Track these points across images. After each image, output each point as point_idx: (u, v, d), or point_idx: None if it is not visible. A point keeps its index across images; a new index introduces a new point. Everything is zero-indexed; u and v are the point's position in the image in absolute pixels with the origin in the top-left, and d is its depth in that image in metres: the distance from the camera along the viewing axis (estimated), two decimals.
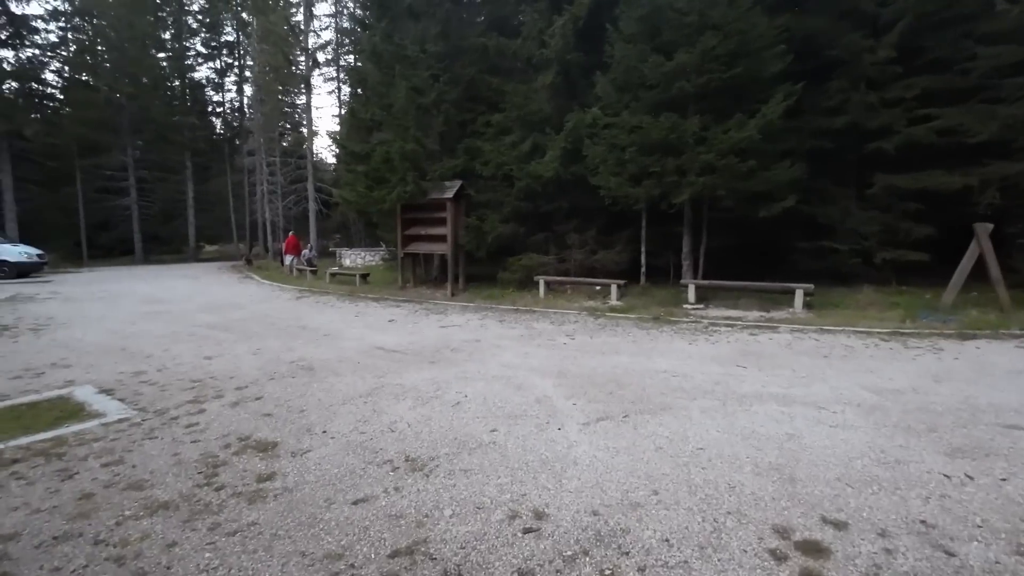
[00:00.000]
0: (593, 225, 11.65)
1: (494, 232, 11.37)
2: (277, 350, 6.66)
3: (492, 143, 11.67)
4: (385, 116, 12.43)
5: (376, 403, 4.48)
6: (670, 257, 11.35)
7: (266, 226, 29.14)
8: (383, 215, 13.08)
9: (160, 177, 31.24)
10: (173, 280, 17.97)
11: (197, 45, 32.72)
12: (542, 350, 6.47)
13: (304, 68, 24.19)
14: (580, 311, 9.38)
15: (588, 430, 3.80)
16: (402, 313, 9.75)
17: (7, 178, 24.90)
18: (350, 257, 22.97)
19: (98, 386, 5.15)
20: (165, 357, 6.35)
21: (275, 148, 28.48)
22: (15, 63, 25.72)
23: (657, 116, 9.02)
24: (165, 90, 31.00)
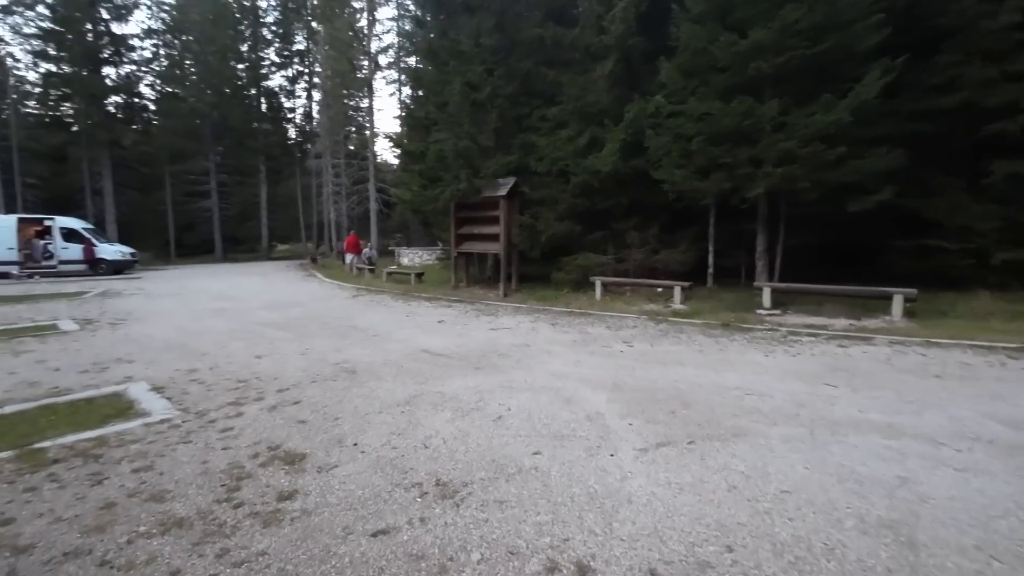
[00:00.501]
0: (655, 222, 10.90)
1: (548, 231, 10.91)
2: (324, 350, 6.59)
3: (547, 138, 11.22)
4: (440, 114, 12.31)
5: (413, 413, 4.18)
6: (741, 257, 10.39)
7: (330, 226, 30.31)
8: (437, 214, 12.98)
9: (238, 181, 33.39)
10: (244, 277, 18.97)
11: (271, 55, 34.63)
12: (596, 358, 5.96)
13: (367, 72, 24.82)
14: (639, 315, 8.73)
15: (646, 458, 3.28)
16: (452, 314, 9.53)
17: (108, 184, 27.46)
18: (408, 256, 23.31)
19: (152, 383, 5.22)
20: (219, 355, 6.43)
21: (340, 151, 29.55)
22: (115, 79, 28.30)
23: (729, 101, 8.19)
24: (243, 99, 33.01)
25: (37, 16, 25.18)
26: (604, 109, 10.71)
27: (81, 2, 25.63)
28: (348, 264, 19.65)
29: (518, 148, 11.64)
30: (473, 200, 11.65)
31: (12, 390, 5.07)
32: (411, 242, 29.01)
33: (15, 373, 5.70)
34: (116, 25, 27.80)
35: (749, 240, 9.90)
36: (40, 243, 20.47)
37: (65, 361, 6.22)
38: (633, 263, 10.97)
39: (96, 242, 21.02)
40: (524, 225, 11.13)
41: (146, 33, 29.80)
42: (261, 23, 33.67)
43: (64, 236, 20.40)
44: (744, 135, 8.26)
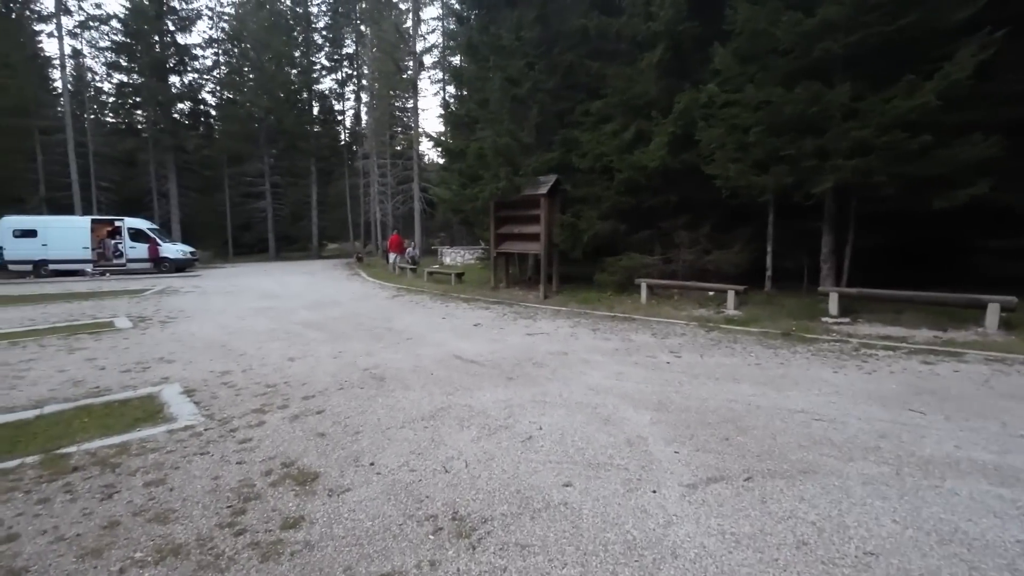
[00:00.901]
0: (706, 221, 10.18)
1: (591, 230, 10.42)
2: (356, 354, 6.45)
3: (590, 133, 10.72)
4: (480, 111, 12.05)
5: (437, 429, 3.89)
6: (803, 259, 9.51)
7: (376, 225, 30.86)
8: (477, 213, 12.75)
9: (290, 182, 34.63)
10: (292, 276, 19.51)
11: (322, 59, 35.71)
12: (640, 370, 5.47)
13: (411, 72, 25.01)
14: (689, 321, 8.11)
15: (694, 498, 2.83)
16: (489, 316, 9.23)
17: (173, 186, 29.11)
18: (450, 255, 23.32)
19: (185, 385, 5.21)
20: (254, 357, 6.42)
21: (386, 151, 30.02)
22: (180, 87, 29.95)
23: (791, 88, 7.42)
24: (295, 103, 34.20)
25: (111, 30, 27.02)
26: (651, 101, 10.10)
27: (149, 15, 27.27)
28: (391, 263, 19.83)
29: (559, 144, 11.21)
30: (513, 199, 11.33)
31: (57, 389, 5.18)
32: (454, 241, 29.11)
33: (64, 371, 5.88)
34: (180, 36, 29.46)
35: (813, 240, 9.03)
36: (111, 242, 21.88)
37: (112, 359, 6.38)
38: (682, 264, 10.30)
39: (160, 241, 22.25)
40: (565, 224, 10.70)
41: (207, 43, 31.40)
42: (312, 28, 34.75)
43: (132, 236, 21.71)
44: (809, 124, 7.46)
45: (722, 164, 8.47)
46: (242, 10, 32.93)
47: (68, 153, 24.34)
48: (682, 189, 10.19)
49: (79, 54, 28.27)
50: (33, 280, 19.44)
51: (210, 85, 32.81)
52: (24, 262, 20.26)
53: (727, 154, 8.42)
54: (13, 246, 20.12)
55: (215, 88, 33.22)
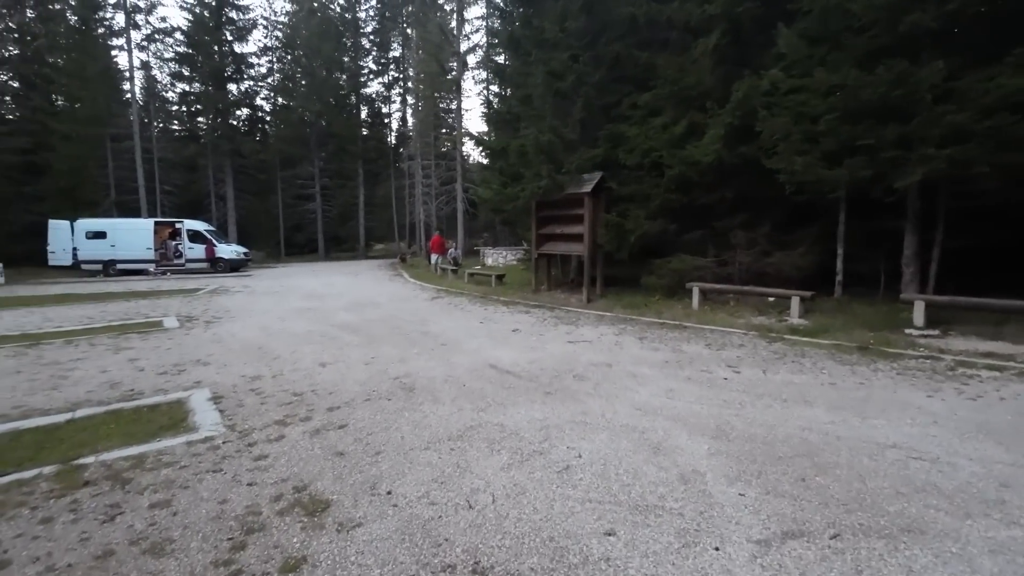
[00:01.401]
0: (765, 220, 9.35)
1: (638, 230, 9.80)
2: (389, 360, 6.19)
3: (638, 127, 10.09)
4: (522, 108, 11.65)
5: (464, 453, 3.50)
6: (880, 262, 8.52)
7: (420, 226, 31.11)
8: (518, 213, 12.36)
9: (339, 184, 35.53)
10: (338, 276, 19.82)
11: (369, 63, 36.39)
12: (694, 387, 4.90)
13: (455, 72, 24.96)
14: (748, 331, 7.38)
15: (769, 561, 2.29)
16: (529, 322, 8.81)
17: (230, 189, 30.43)
18: (493, 256, 23.08)
19: (214, 391, 5.09)
20: (287, 361, 6.29)
21: (430, 152, 30.19)
22: (236, 94, 31.27)
23: (871, 69, 6.56)
24: (344, 107, 35.05)
25: (175, 42, 28.57)
26: (706, 91, 9.36)
27: (209, 26, 28.61)
28: (433, 264, 19.78)
29: (605, 140, 10.63)
30: (555, 198, 10.86)
31: (95, 391, 5.19)
32: (497, 242, 28.88)
33: (106, 372, 5.93)
34: (237, 45, 30.75)
35: (891, 241, 8.05)
36: (172, 243, 23.04)
37: (153, 361, 6.41)
38: (738, 267, 9.50)
39: (216, 243, 23.23)
40: (611, 224, 10.12)
41: (262, 51, 32.67)
42: (361, 33, 35.49)
43: (190, 237, 22.78)
44: (892, 109, 6.57)
45: (786, 157, 7.66)
46: (295, 19, 34.06)
47: (136, 159, 25.87)
48: (739, 185, 9.40)
49: (146, 66, 30.08)
50: (102, 279, 20.71)
51: (265, 91, 34.15)
52: (95, 262, 21.65)
53: (792, 146, 7.60)
54: (85, 247, 21.54)
55: (269, 94, 34.55)
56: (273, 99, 34.76)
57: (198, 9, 28.79)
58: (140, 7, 27.23)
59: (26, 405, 4.78)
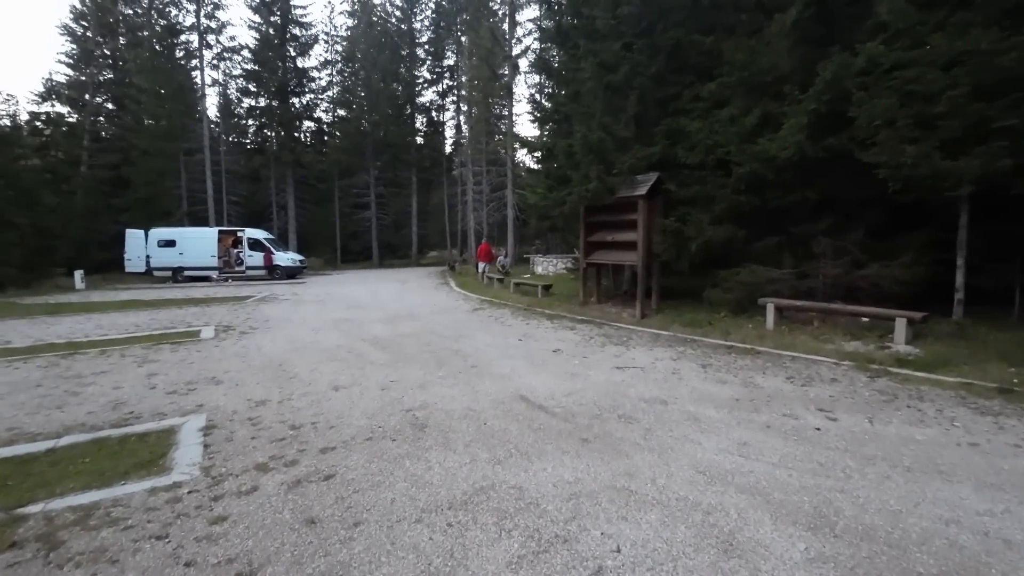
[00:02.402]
0: (858, 224, 7.90)
1: (700, 237, 8.62)
2: (409, 385, 5.48)
3: (701, 121, 8.93)
4: (571, 105, 10.76)
5: (463, 533, 2.66)
6: (1015, 275, 6.87)
7: (471, 233, 30.79)
8: (566, 219, 11.43)
9: (393, 192, 36.02)
10: (385, 284, 19.66)
11: (424, 72, 36.74)
12: (775, 439, 3.80)
13: (507, 76, 24.44)
14: (839, 360, 6.06)
15: None
16: (573, 340, 7.86)
17: (291, 199, 31.51)
18: (543, 264, 22.21)
19: (211, 419, 4.57)
20: (302, 382, 5.74)
21: (481, 159, 29.85)
22: (298, 107, 32.45)
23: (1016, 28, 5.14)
24: (400, 116, 35.56)
25: (242, 59, 30.05)
26: (782, 76, 8.08)
27: (274, 43, 29.86)
28: (480, 273, 19.20)
29: (662, 137, 9.52)
30: (606, 202, 9.86)
31: (96, 412, 4.83)
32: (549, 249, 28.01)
33: (119, 389, 5.63)
34: (300, 60, 31.94)
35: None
36: (234, 251, 23.93)
37: (169, 377, 6.07)
38: (822, 281, 8.09)
39: (273, 250, 23.90)
40: (669, 230, 8.99)
41: (322, 65, 33.76)
42: (416, 44, 35.94)
43: (250, 245, 23.55)
44: None
45: (890, 147, 6.26)
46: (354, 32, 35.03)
47: (205, 171, 27.29)
48: (824, 184, 8.01)
49: (217, 83, 31.87)
50: (170, 285, 21.79)
51: (325, 103, 35.30)
52: (165, 268, 22.85)
53: (899, 133, 6.21)
54: (157, 254, 22.78)
55: (329, 106, 35.69)
56: (332, 110, 35.86)
57: (264, 27, 30.16)
58: (212, 28, 28.83)
59: (20, 428, 4.46)
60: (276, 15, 30.51)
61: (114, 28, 33.73)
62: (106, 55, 33.31)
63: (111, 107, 33.26)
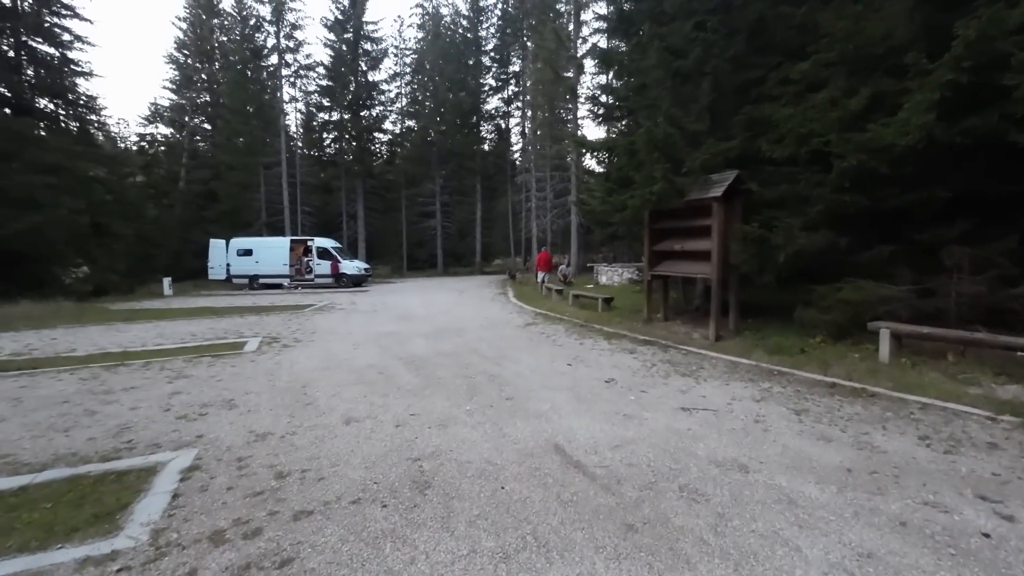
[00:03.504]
0: (1008, 229, 6.14)
1: (791, 246, 7.17)
2: (428, 422, 4.70)
3: (791, 107, 7.50)
4: (635, 98, 9.64)
5: None
6: None
7: (534, 241, 30.01)
8: (628, 226, 10.25)
9: (458, 200, 36.16)
10: (442, 294, 19.31)
11: (489, 79, 36.67)
12: (918, 551, 2.55)
13: (571, 77, 23.49)
14: (996, 412, 4.50)
15: None
16: (632, 367, 6.73)
17: (360, 209, 32.44)
18: (607, 274, 20.90)
19: (199, 457, 4.04)
20: (316, 411, 5.15)
21: (545, 164, 29.04)
22: (368, 119, 33.45)
23: None
24: (465, 124, 35.68)
25: (317, 76, 31.46)
26: (900, 46, 6.52)
27: (347, 59, 30.99)
28: (539, 283, 18.30)
29: (742, 128, 8.15)
30: (674, 206, 8.63)
31: (96, 439, 4.46)
32: (616, 258, 26.57)
33: (135, 409, 5.33)
34: (371, 74, 32.93)
35: None
36: (305, 260, 24.79)
37: (190, 397, 5.73)
38: (957, 301, 6.38)
39: (340, 259, 24.47)
40: (750, 237, 7.60)
41: (391, 78, 34.63)
42: (482, 52, 35.96)
43: (319, 254, 24.28)
44: None
45: None
46: (422, 44, 35.70)
47: (282, 184, 28.70)
48: (959, 178, 6.32)
49: (294, 99, 33.62)
50: (246, 292, 22.89)
51: (393, 115, 36.21)
52: (243, 276, 24.10)
53: None
54: (236, 263, 24.09)
55: (397, 117, 36.56)
56: (401, 121, 36.73)
57: (338, 44, 31.41)
58: (290, 47, 30.44)
59: (13, 456, 4.15)
60: (349, 32, 31.69)
61: (211, 54, 36.79)
62: (203, 79, 36.35)
63: (206, 127, 36.21)
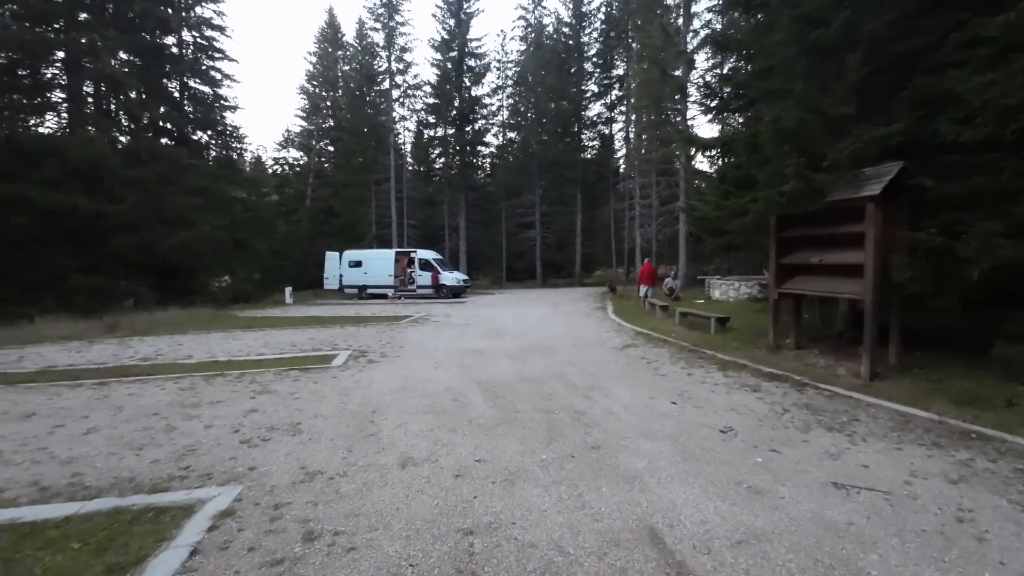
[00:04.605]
0: None
1: (989, 258, 5.29)
2: (491, 476, 3.91)
3: (979, 76, 5.61)
4: (755, 84, 8.14)
5: None
6: None
7: (637, 251, 28.26)
8: (747, 234, 8.66)
9: (558, 210, 35.47)
10: (537, 308, 18.61)
11: (591, 85, 35.66)
12: None
13: (680, 74, 21.71)
14: None
15: None
16: (757, 412, 5.36)
17: (462, 221, 33.12)
18: (720, 288, 18.73)
19: (239, 498, 3.65)
20: (373, 447, 4.62)
21: (650, 170, 27.27)
22: (471, 133, 34.17)
23: None
24: (566, 133, 35.01)
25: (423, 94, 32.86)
26: None
27: (451, 76, 31.97)
28: (642, 297, 16.82)
29: (908, 107, 6.34)
30: (810, 208, 7.00)
31: (157, 463, 4.31)
32: (730, 270, 23.99)
33: (209, 428, 5.24)
34: (474, 89, 33.65)
35: None
36: (408, 271, 25.68)
37: (263, 417, 5.55)
38: None
39: (440, 270, 24.95)
40: (924, 247, 5.79)
41: (493, 91, 35.13)
42: (584, 58, 35.10)
43: (420, 266, 24.98)
44: None
45: None
46: (523, 56, 35.80)
47: (390, 199, 30.22)
48: None
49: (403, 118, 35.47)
50: (355, 301, 24.20)
51: (495, 128, 36.69)
52: (353, 286, 25.58)
53: None
54: (348, 273, 25.65)
55: (499, 130, 36.99)
56: (502, 133, 37.09)
57: (443, 63, 32.57)
58: (400, 69, 32.17)
59: (80, 475, 4.10)
60: (454, 50, 32.73)
61: (335, 82, 40.37)
62: (328, 106, 39.93)
63: (330, 149, 39.67)
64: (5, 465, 4.35)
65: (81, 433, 5.16)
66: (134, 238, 18.54)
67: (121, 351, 10.28)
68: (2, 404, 6.29)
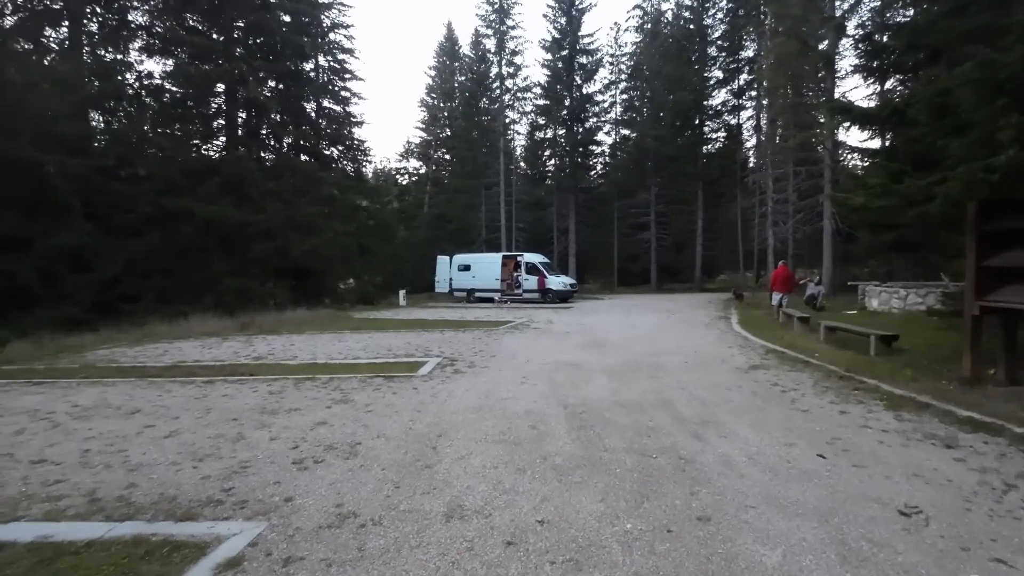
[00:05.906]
0: None
1: None
2: (555, 547, 2.95)
3: None
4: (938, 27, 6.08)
5: None
6: None
7: (769, 252, 24.85)
8: (928, 227, 6.47)
9: (675, 210, 32.85)
10: (648, 315, 16.97)
11: (715, 72, 32.50)
12: None
13: (826, 45, 18.48)
14: None
15: None
16: (956, 480, 3.68)
17: (571, 223, 32.17)
18: (879, 297, 15.39)
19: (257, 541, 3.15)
20: (424, 484, 3.92)
21: (786, 159, 23.78)
22: (581, 132, 33.08)
23: None
24: (685, 126, 32.28)
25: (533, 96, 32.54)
26: None
27: (562, 75, 31.22)
28: (775, 306, 14.39)
29: None
30: None
31: (207, 480, 4.06)
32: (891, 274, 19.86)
33: (275, 440, 5.00)
34: (585, 86, 32.54)
35: None
36: (515, 275, 25.39)
37: (328, 432, 5.19)
38: None
39: (547, 274, 24.25)
40: None
41: (604, 88, 33.65)
42: (708, 42, 32.09)
43: (527, 269, 24.52)
44: None
45: None
46: (639, 47, 33.80)
47: (500, 203, 30.32)
48: None
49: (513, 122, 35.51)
50: (464, 304, 24.49)
51: (607, 125, 35.16)
52: (462, 290, 25.99)
53: None
54: (457, 277, 26.13)
55: (611, 127, 35.38)
56: (615, 131, 35.43)
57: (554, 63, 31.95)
58: (510, 73, 32.24)
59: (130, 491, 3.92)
60: (565, 49, 31.96)
61: (451, 93, 42.02)
62: (445, 116, 41.68)
63: (447, 157, 41.35)
64: (82, 467, 4.41)
65: (163, 436, 5.21)
66: (272, 244, 20.61)
67: (243, 349, 11.06)
68: (121, 398, 6.79)
